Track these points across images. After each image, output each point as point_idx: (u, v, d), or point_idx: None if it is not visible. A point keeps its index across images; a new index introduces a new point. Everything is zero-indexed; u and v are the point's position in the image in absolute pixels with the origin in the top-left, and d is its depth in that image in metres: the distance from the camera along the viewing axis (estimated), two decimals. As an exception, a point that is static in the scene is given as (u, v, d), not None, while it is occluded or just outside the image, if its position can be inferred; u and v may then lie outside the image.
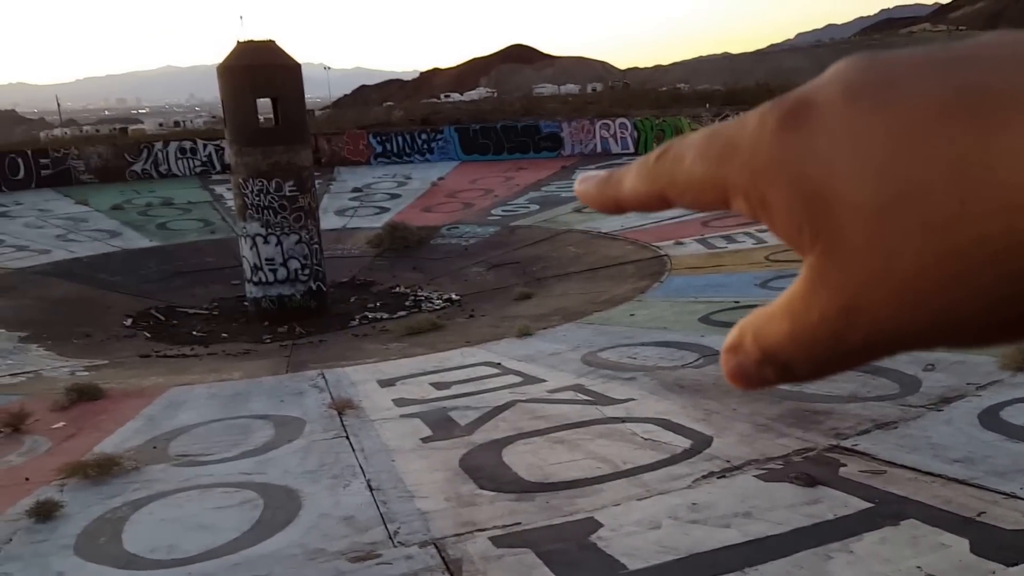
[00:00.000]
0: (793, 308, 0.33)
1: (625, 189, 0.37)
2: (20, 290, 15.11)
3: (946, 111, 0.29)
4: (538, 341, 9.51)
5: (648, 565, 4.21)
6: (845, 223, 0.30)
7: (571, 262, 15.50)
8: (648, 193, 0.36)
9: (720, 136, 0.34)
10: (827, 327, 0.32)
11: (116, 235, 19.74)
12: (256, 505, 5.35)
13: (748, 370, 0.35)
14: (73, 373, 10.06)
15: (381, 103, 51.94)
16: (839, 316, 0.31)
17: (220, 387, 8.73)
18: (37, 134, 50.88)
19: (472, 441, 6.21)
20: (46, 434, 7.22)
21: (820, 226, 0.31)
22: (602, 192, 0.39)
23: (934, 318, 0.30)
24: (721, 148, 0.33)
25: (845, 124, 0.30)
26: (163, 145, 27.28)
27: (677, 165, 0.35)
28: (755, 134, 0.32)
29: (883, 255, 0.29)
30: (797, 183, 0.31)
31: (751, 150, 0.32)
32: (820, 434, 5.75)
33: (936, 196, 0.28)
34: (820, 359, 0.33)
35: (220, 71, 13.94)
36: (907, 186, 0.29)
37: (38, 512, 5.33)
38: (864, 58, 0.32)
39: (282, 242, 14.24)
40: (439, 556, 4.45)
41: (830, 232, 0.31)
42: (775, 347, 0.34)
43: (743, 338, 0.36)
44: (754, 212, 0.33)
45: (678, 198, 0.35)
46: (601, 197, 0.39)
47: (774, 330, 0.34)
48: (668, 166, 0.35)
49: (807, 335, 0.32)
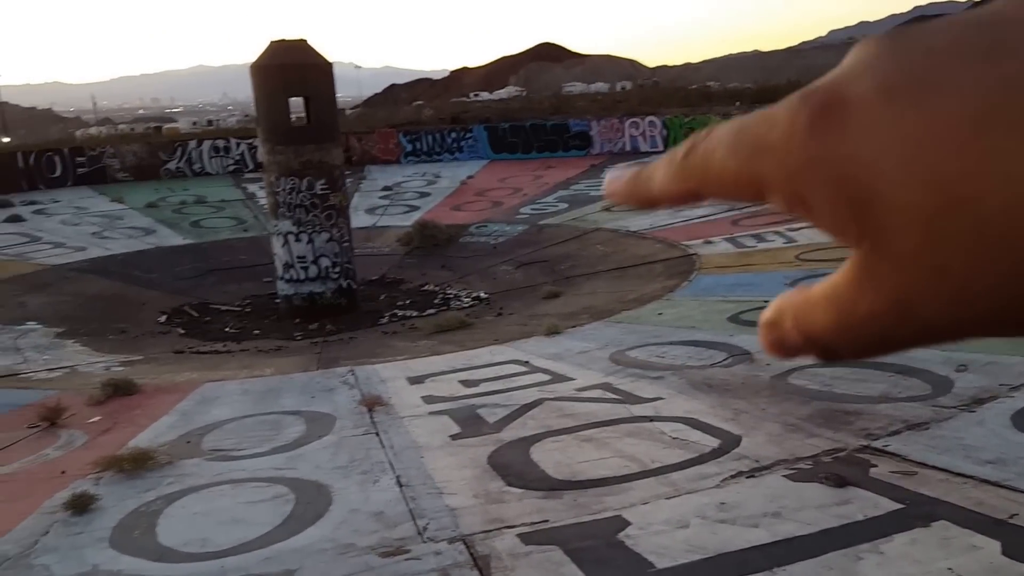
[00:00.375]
0: (839, 300, 0.33)
1: (655, 186, 0.37)
2: (57, 286, 15.42)
3: (992, 112, 0.28)
4: (566, 339, 9.52)
5: (676, 564, 4.21)
6: (893, 226, 0.30)
7: (599, 261, 15.48)
8: (679, 190, 0.36)
9: (749, 133, 0.33)
10: (876, 322, 0.32)
11: (150, 232, 20.07)
12: (287, 500, 5.43)
13: (788, 346, 0.36)
14: (108, 368, 10.26)
15: (411, 102, 52.17)
16: (889, 312, 0.31)
17: (252, 383, 8.85)
18: (73, 133, 51.83)
19: (500, 439, 6.24)
20: (82, 428, 7.38)
21: (866, 227, 0.30)
22: (632, 189, 0.39)
23: (988, 313, 0.29)
24: (752, 146, 0.32)
25: (884, 126, 0.29)
26: (196, 144, 27.68)
27: (707, 162, 0.34)
28: (786, 133, 0.31)
29: (935, 259, 0.29)
30: (838, 185, 0.30)
31: (784, 149, 0.31)
32: (850, 434, 5.69)
33: (988, 203, 0.28)
34: (866, 346, 0.33)
35: (253, 70, 14.11)
36: (957, 193, 0.28)
37: (74, 505, 5.44)
38: (893, 45, 0.30)
39: (313, 240, 14.38)
40: (467, 552, 4.48)
41: (877, 233, 0.30)
42: (819, 334, 0.34)
43: (782, 318, 0.36)
44: (791, 209, 0.33)
45: (710, 194, 0.35)
46: (631, 194, 0.39)
47: (818, 318, 0.34)
48: (698, 163, 0.35)
49: (853, 327, 0.32)
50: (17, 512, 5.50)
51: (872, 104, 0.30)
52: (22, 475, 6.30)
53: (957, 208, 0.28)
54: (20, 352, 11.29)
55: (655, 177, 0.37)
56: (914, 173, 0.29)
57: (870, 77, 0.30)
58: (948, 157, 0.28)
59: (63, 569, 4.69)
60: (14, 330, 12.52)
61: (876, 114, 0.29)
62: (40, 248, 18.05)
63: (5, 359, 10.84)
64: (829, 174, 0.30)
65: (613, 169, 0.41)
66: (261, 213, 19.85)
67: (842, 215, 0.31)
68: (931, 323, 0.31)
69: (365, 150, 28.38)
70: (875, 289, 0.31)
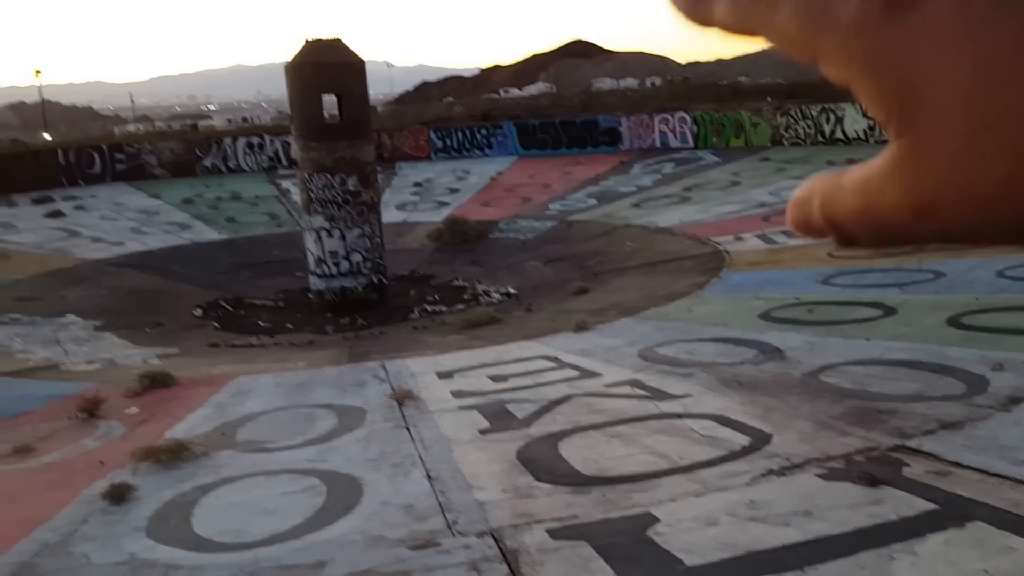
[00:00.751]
0: (868, 188, 0.33)
1: (716, 12, 0.36)
2: (95, 280, 15.74)
3: None
4: (595, 336, 9.51)
5: (706, 562, 4.19)
6: (937, 127, 0.30)
7: (628, 257, 15.42)
8: (737, 26, 0.35)
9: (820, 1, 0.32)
10: (899, 216, 0.32)
11: (187, 228, 20.38)
12: (319, 492, 5.50)
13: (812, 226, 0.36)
14: (146, 361, 10.45)
15: (442, 99, 52.25)
16: (913, 208, 0.32)
17: (285, 376, 8.97)
18: (112, 130, 52.76)
19: (529, 434, 6.26)
20: (120, 419, 7.53)
21: (910, 122, 0.31)
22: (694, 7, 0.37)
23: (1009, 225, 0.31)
24: (821, 16, 0.32)
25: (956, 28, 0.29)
26: (232, 141, 28.04)
27: (771, 12, 0.34)
28: (859, 15, 0.31)
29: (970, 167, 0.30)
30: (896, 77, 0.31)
31: (852, 31, 0.31)
32: (883, 433, 5.62)
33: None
34: (884, 237, 0.34)
35: (289, 69, 14.26)
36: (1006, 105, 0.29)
37: (112, 495, 5.56)
38: None
39: (345, 235, 14.52)
40: (497, 546, 4.51)
41: (919, 130, 0.31)
42: (842, 219, 0.35)
43: (811, 199, 0.36)
44: (843, 83, 0.33)
45: (766, 39, 0.35)
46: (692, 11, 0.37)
47: (844, 204, 0.34)
48: (763, 8, 0.34)
49: (876, 217, 0.33)
50: (57, 501, 5.64)
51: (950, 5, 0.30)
52: (62, 465, 6.46)
53: (1006, 121, 0.29)
54: (60, 344, 11.55)
55: (716, 5, 0.36)
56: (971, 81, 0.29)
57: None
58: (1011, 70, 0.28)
59: (101, 557, 4.80)
60: (54, 323, 12.80)
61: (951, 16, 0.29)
62: (79, 243, 18.42)
63: (46, 351, 11.10)
64: (890, 65, 0.31)
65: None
66: (294, 209, 20.06)
67: (891, 106, 0.32)
68: (951, 224, 0.31)
69: (396, 147, 28.54)
70: (906, 183, 0.32)
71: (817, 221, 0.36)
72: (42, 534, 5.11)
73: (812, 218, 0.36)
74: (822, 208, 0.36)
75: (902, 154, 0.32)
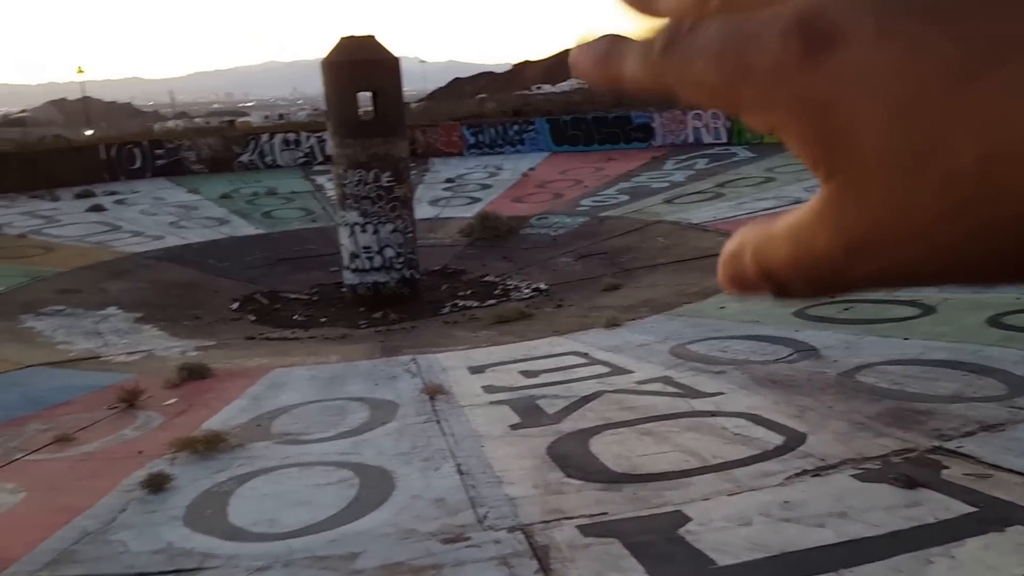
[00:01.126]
0: (798, 235, 0.33)
1: (627, 73, 0.35)
2: (135, 274, 16.03)
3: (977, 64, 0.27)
4: (626, 332, 9.47)
5: (738, 562, 4.16)
6: (865, 167, 0.30)
7: (660, 253, 15.32)
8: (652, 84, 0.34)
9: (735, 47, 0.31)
10: (830, 260, 0.32)
11: (224, 223, 20.66)
12: (352, 484, 5.56)
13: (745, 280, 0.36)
14: (184, 353, 10.64)
15: (474, 95, 52.36)
16: (846, 251, 0.31)
17: (319, 369, 9.07)
18: (151, 126, 53.65)
19: (560, 430, 6.26)
20: (158, 410, 7.68)
21: (837, 163, 0.30)
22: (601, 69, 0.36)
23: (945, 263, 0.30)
24: (737, 66, 0.31)
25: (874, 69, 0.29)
26: (268, 137, 28.34)
27: (686, 67, 0.32)
28: (776, 61, 0.30)
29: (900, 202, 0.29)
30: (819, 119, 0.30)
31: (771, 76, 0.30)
32: (921, 435, 5.53)
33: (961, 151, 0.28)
34: (819, 285, 0.33)
35: (324, 66, 14.38)
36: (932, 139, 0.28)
37: (150, 484, 5.67)
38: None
39: (379, 231, 14.62)
40: (527, 542, 4.52)
41: (847, 171, 0.30)
42: (774, 268, 0.34)
43: (742, 252, 0.35)
44: (768, 131, 0.33)
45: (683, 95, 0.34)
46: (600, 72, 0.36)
47: (775, 252, 0.34)
48: (676, 65, 0.33)
49: (808, 263, 0.33)
50: (97, 490, 5.76)
51: (867, 41, 0.29)
52: (102, 454, 6.60)
53: (935, 155, 0.28)
54: (101, 336, 11.79)
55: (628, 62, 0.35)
56: (895, 114, 0.29)
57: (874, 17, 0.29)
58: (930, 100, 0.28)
59: (139, 545, 4.90)
60: (95, 315, 13.08)
61: (868, 51, 0.29)
62: (120, 236, 18.77)
63: (87, 342, 11.34)
64: (813, 109, 0.30)
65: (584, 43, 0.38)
66: (329, 204, 20.24)
67: (818, 149, 0.31)
68: (887, 264, 0.31)
69: (429, 143, 28.64)
70: (838, 226, 0.31)
71: (750, 274, 0.35)
72: (82, 521, 5.23)
73: (745, 271, 0.35)
74: (754, 259, 0.35)
75: (832, 197, 0.31)
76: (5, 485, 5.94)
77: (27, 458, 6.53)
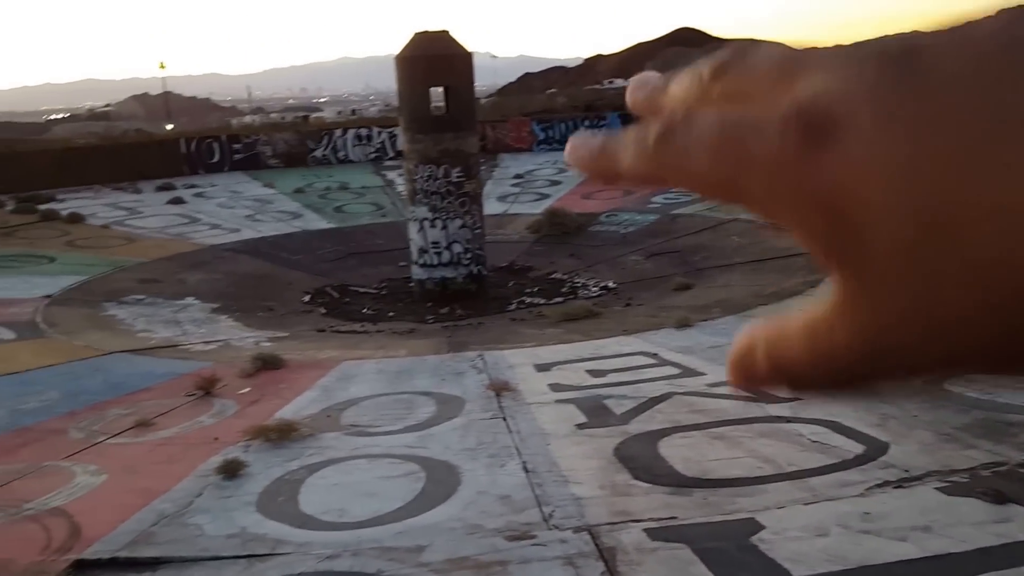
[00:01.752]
0: (815, 331, 0.31)
1: (623, 166, 0.34)
2: (212, 265, 16.52)
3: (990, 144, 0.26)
4: (697, 333, 9.29)
5: (814, 573, 4.02)
6: (877, 257, 0.28)
7: (735, 252, 14.99)
8: (648, 176, 0.34)
9: (733, 140, 0.30)
10: (851, 356, 0.30)
11: (297, 217, 21.13)
12: (419, 477, 5.58)
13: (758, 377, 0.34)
14: (258, 343, 10.90)
15: (544, 90, 52.30)
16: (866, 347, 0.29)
17: (387, 363, 9.17)
18: (229, 121, 55.28)
19: (627, 431, 6.16)
20: (233, 398, 7.88)
21: (848, 256, 0.29)
22: (597, 163, 0.36)
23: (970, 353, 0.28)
24: (735, 157, 0.30)
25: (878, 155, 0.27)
26: (341, 132, 28.86)
27: (683, 158, 0.32)
28: (775, 151, 0.29)
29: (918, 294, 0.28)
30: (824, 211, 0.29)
31: (770, 169, 0.29)
32: (1013, 448, 5.25)
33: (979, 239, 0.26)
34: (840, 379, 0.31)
35: (398, 61, 14.52)
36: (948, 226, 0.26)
37: (225, 470, 5.81)
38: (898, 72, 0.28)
39: (447, 226, 14.71)
40: (593, 543, 4.45)
41: (859, 263, 0.29)
42: (791, 367, 0.32)
43: (752, 350, 0.34)
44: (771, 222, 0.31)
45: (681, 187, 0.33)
46: (595, 167, 0.36)
47: (791, 350, 0.32)
48: (672, 156, 0.32)
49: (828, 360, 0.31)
50: (175, 474, 5.94)
51: (869, 132, 0.28)
52: (179, 439, 6.80)
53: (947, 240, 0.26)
54: (180, 325, 12.18)
55: (623, 155, 0.34)
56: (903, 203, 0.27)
57: (870, 103, 0.28)
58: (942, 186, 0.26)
59: (214, 529, 5.02)
60: (175, 304, 13.53)
61: (871, 142, 0.28)
62: (199, 229, 19.38)
63: (167, 331, 11.73)
64: (815, 199, 0.29)
65: (578, 135, 0.37)
66: (399, 199, 20.48)
67: (825, 241, 0.30)
68: (910, 357, 0.29)
69: (498, 138, 28.71)
70: (854, 319, 0.30)
71: (763, 371, 0.33)
72: (160, 504, 5.39)
73: (757, 369, 0.33)
74: (768, 356, 0.33)
75: (847, 289, 0.30)
76: (88, 467, 6.17)
77: (108, 441, 6.78)
